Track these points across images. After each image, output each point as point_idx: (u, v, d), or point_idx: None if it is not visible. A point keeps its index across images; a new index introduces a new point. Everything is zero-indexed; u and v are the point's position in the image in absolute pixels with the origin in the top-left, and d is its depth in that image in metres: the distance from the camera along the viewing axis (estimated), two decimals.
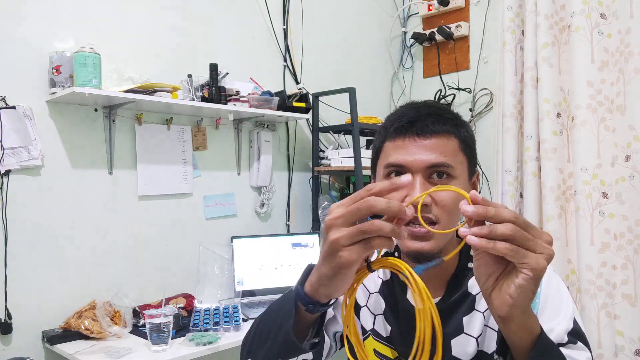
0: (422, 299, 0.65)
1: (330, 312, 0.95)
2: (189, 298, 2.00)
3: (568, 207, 2.25)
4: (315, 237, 2.34)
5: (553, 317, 0.82)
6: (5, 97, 1.68)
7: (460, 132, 0.87)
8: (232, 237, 2.21)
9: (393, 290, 0.96)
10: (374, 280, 0.99)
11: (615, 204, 2.10)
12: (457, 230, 0.64)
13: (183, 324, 1.82)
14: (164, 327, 1.60)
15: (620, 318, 2.05)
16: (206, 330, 1.76)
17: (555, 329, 0.80)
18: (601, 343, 2.05)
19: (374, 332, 0.97)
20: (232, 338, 1.72)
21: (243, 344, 0.87)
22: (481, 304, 0.88)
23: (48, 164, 1.78)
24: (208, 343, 1.66)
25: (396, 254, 1.00)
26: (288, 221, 2.52)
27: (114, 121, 1.92)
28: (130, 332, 1.77)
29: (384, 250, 1.01)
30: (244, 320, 1.88)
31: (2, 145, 1.66)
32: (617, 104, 2.12)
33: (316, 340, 0.82)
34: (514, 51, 2.41)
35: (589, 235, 2.10)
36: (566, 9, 2.25)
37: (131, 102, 1.83)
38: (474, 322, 0.88)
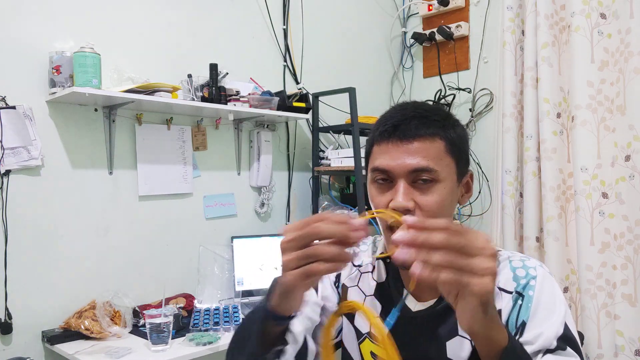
0: (387, 354, 0.66)
1: (317, 319, 0.95)
2: (189, 298, 2.00)
3: (568, 207, 2.25)
4: None
5: (544, 321, 0.81)
6: (5, 97, 1.68)
7: (447, 133, 0.86)
8: (232, 237, 2.21)
9: (389, 292, 0.96)
10: (369, 282, 0.99)
11: (615, 204, 2.09)
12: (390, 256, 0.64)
13: (183, 324, 1.83)
14: (164, 327, 1.60)
15: (620, 318, 2.05)
16: (206, 330, 1.76)
17: (545, 333, 0.80)
18: (601, 343, 2.05)
19: (371, 335, 0.96)
20: None
21: (227, 352, 0.91)
22: None
23: (48, 164, 1.78)
24: (208, 343, 1.66)
25: (389, 260, 1.00)
26: (288, 221, 2.52)
27: (114, 121, 1.92)
28: (130, 332, 1.78)
29: (378, 252, 1.01)
30: None
31: (2, 145, 1.66)
32: (617, 104, 2.12)
33: (280, 348, 0.82)
34: (514, 51, 2.41)
35: (589, 235, 2.10)
36: (566, 9, 2.25)
37: (131, 102, 1.83)
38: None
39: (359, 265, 1.02)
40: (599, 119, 2.14)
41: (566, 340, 0.80)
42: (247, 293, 2.14)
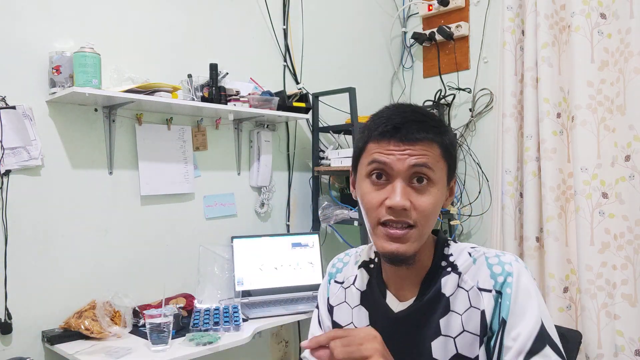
0: None
1: None
2: (189, 298, 2.00)
3: (568, 207, 2.25)
4: (315, 237, 2.34)
5: (521, 319, 0.83)
6: (5, 97, 1.68)
7: (443, 139, 0.88)
8: (232, 237, 2.21)
9: (373, 297, 0.97)
10: (353, 294, 1.01)
11: (615, 204, 2.09)
12: None
13: (183, 324, 1.83)
14: (164, 327, 1.60)
15: (620, 318, 2.05)
16: (206, 330, 1.76)
17: (522, 333, 0.81)
18: (601, 343, 2.05)
19: None
20: (232, 338, 1.72)
21: None
22: (457, 305, 0.88)
23: (48, 164, 1.78)
24: (208, 343, 1.66)
25: (376, 259, 1.01)
26: (288, 221, 2.52)
27: (114, 121, 1.92)
28: (130, 332, 1.77)
29: (370, 254, 1.02)
30: (244, 320, 1.88)
31: (2, 145, 1.66)
32: (617, 104, 2.11)
33: None
34: (514, 51, 2.41)
35: (589, 235, 2.10)
36: (566, 9, 2.25)
37: (131, 102, 1.83)
38: (451, 324, 0.88)
39: (342, 282, 1.04)
40: (599, 119, 2.14)
41: (543, 338, 0.81)
42: (247, 293, 2.14)
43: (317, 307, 1.10)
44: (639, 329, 2.02)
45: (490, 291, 0.86)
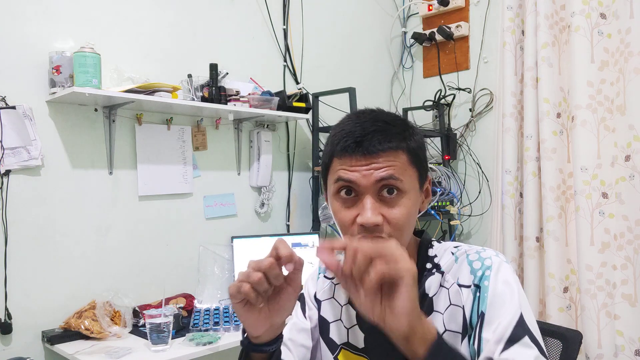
0: None
1: (310, 343, 1.01)
2: (189, 298, 2.00)
3: (568, 207, 2.25)
4: (315, 237, 2.34)
5: (500, 311, 0.81)
6: (5, 97, 1.68)
7: (408, 144, 0.85)
8: (232, 237, 2.21)
9: None
10: (342, 292, 1.00)
11: (615, 204, 2.09)
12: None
13: (183, 324, 1.83)
14: (164, 327, 1.60)
15: (620, 318, 2.05)
16: (206, 330, 1.76)
17: (502, 323, 0.80)
18: (601, 343, 2.05)
19: (348, 345, 0.96)
20: (232, 338, 1.72)
21: None
22: (439, 305, 0.88)
23: (48, 164, 1.78)
24: (208, 343, 1.66)
25: None
26: (288, 221, 2.52)
27: (114, 121, 1.92)
28: (130, 332, 1.78)
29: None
30: None
31: (2, 145, 1.66)
32: (617, 104, 2.12)
33: None
34: (514, 51, 2.41)
35: (589, 235, 2.10)
36: (566, 9, 2.25)
37: (131, 102, 1.83)
38: (435, 324, 0.86)
39: (332, 278, 1.02)
40: (599, 119, 2.14)
41: (522, 329, 0.79)
42: None
43: (302, 296, 1.06)
44: (639, 329, 2.02)
45: (469, 287, 0.85)
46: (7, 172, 1.68)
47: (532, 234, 2.28)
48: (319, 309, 1.03)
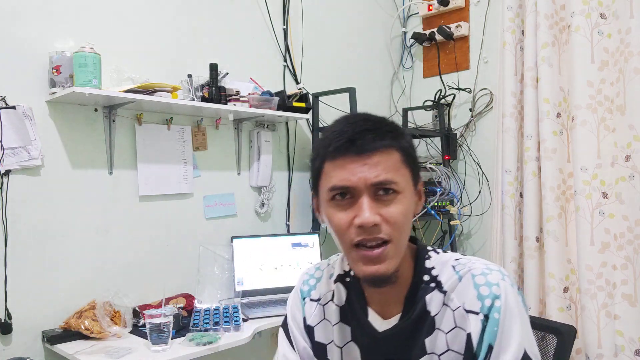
0: None
1: None
2: (189, 298, 2.00)
3: (568, 207, 2.25)
4: (315, 237, 2.34)
5: (506, 346, 0.82)
6: (5, 97, 1.68)
7: (400, 144, 0.85)
8: (232, 237, 2.21)
9: (353, 311, 0.94)
10: (332, 310, 0.98)
11: (615, 204, 2.09)
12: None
13: (183, 324, 1.82)
14: (164, 327, 1.60)
15: (620, 318, 2.05)
16: (206, 330, 1.76)
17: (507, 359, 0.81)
18: (601, 343, 2.05)
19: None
20: (232, 338, 1.72)
21: None
22: (442, 324, 0.86)
23: (48, 164, 1.78)
24: (208, 343, 1.66)
25: (351, 272, 0.98)
26: (288, 221, 2.52)
27: (114, 121, 1.92)
28: (130, 332, 1.78)
29: (344, 266, 0.99)
30: (244, 320, 1.88)
31: (2, 145, 1.66)
32: (617, 103, 2.12)
33: None
34: (514, 51, 2.41)
35: (589, 235, 2.10)
36: (566, 9, 2.25)
37: (131, 102, 1.83)
38: (437, 342, 0.87)
39: (318, 300, 1.00)
40: (599, 119, 2.14)
41: None
42: (247, 293, 2.14)
43: (285, 325, 1.03)
44: (639, 329, 2.02)
45: (477, 314, 0.83)
46: (7, 172, 1.68)
47: (532, 234, 2.28)
48: (312, 336, 1.00)
